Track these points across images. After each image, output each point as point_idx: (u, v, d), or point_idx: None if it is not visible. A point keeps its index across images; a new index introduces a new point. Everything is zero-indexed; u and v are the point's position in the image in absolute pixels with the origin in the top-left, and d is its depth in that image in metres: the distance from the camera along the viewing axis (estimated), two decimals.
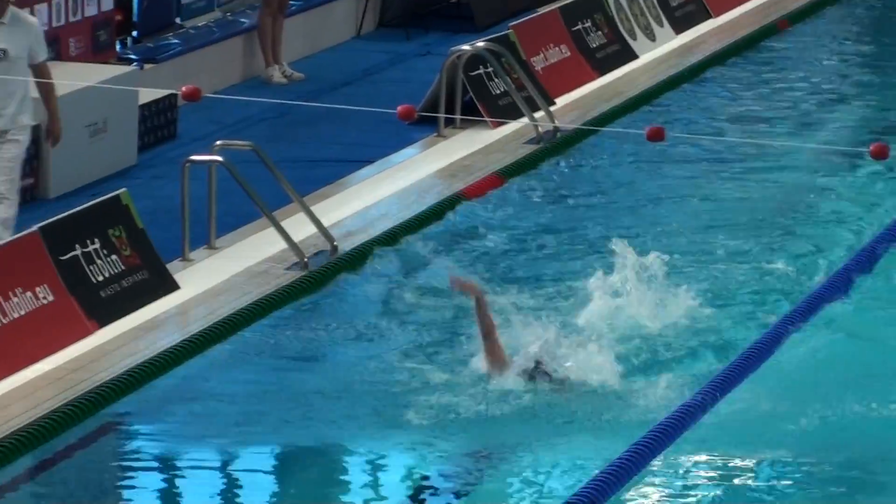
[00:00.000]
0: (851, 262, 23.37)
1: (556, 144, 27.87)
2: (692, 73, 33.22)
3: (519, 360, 19.59)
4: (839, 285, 22.21)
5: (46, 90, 22.02)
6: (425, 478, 19.37)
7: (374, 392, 20.23)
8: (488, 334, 19.67)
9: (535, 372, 19.39)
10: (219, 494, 18.34)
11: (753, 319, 21.46)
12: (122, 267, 21.66)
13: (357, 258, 23.61)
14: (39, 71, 21.70)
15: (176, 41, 30.38)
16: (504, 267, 24.35)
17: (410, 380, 20.33)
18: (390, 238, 24.29)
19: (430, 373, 20.41)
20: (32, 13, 25.93)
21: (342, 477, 19.54)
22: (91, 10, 28.62)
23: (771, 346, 20.16)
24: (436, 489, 18.96)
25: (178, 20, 31.18)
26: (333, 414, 19.97)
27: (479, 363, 19.82)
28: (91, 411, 19.33)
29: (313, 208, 23.89)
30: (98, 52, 28.57)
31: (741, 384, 19.08)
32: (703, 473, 18.12)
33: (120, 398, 19.49)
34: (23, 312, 20.53)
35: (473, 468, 19.07)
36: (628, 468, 16.61)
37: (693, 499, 17.34)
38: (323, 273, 22.90)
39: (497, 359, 19.64)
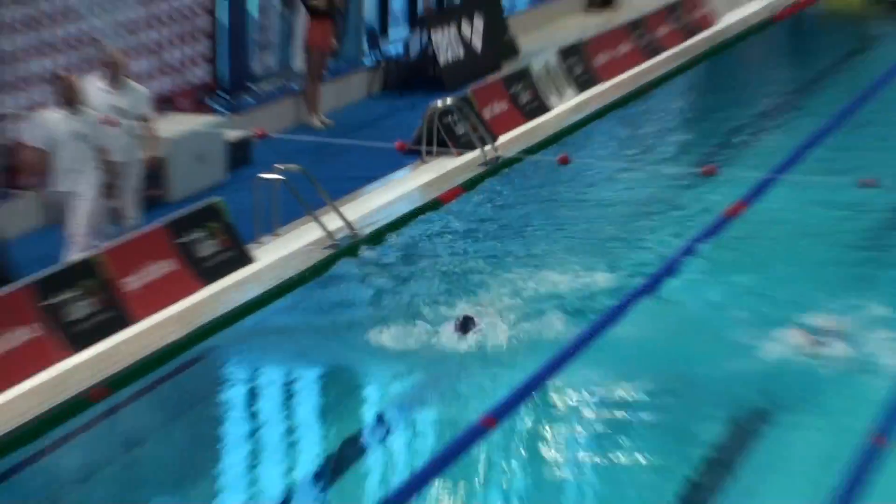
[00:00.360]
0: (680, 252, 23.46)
1: (497, 167, 28.80)
2: (589, 119, 33.28)
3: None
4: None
5: (152, 134, 22.77)
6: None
7: (376, 322, 21.46)
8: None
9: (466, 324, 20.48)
10: (291, 402, 20.08)
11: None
12: (219, 247, 23.10)
13: (371, 240, 24.85)
14: (147, 123, 22.45)
15: (250, 99, 31.11)
16: (465, 241, 25.67)
17: (396, 311, 21.82)
18: (391, 227, 25.61)
19: (408, 315, 21.52)
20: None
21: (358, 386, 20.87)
22: (194, 80, 29.51)
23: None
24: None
25: (250, 85, 31.57)
26: (356, 334, 21.28)
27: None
28: (203, 339, 21.04)
29: (341, 209, 24.87)
30: (200, 106, 29.41)
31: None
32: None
33: (219, 332, 21.35)
34: (153, 278, 21.89)
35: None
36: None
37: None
38: (348, 249, 24.19)
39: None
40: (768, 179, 26.06)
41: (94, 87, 21.72)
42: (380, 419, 20.36)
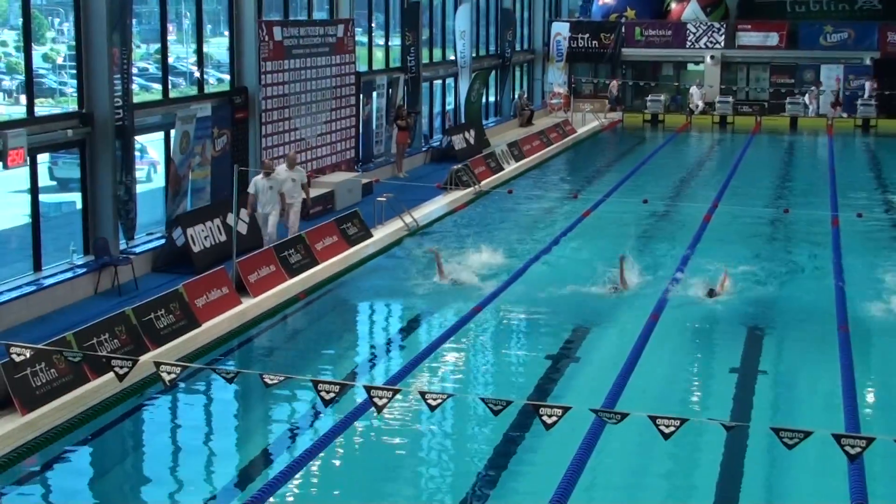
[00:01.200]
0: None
1: (480, 194, 29.78)
2: (522, 174, 34.82)
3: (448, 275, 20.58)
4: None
5: (305, 189, 23.09)
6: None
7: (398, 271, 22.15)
8: (439, 267, 20.66)
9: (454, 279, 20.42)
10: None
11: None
12: (358, 230, 24.41)
13: (424, 227, 25.81)
14: (304, 186, 23.03)
15: (371, 165, 32.21)
16: (466, 227, 26.38)
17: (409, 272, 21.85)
18: (433, 221, 26.82)
19: (416, 272, 21.48)
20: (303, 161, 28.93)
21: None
22: (348, 156, 30.65)
23: None
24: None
25: (372, 159, 32.61)
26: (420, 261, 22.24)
27: (436, 276, 20.60)
28: (344, 274, 22.08)
29: (412, 212, 26.05)
30: (350, 167, 30.33)
31: None
32: None
33: (354, 269, 22.25)
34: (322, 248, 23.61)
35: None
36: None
37: None
38: (414, 231, 25.36)
39: (441, 274, 20.57)
40: (601, 200, 28.46)
41: (282, 168, 22.75)
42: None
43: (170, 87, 23.48)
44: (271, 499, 11.40)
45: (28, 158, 18.13)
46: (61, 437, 13.27)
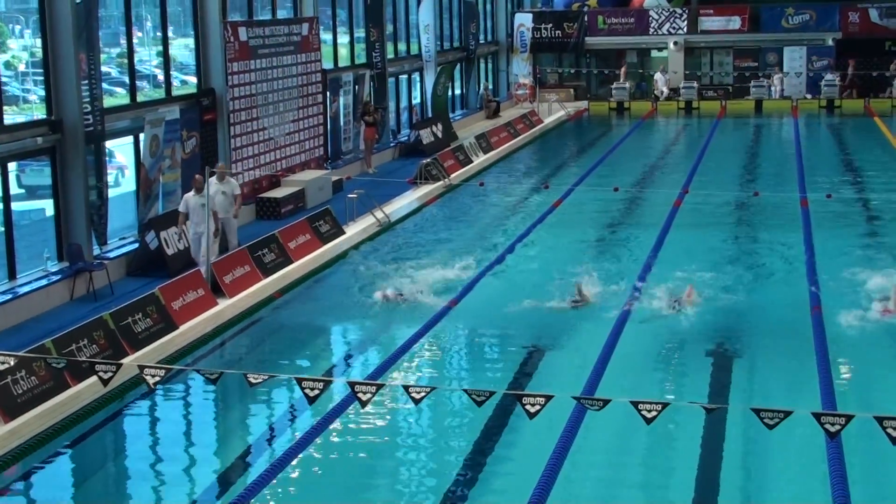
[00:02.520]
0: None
1: (450, 188, 30.08)
2: (490, 166, 35.34)
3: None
4: None
5: (237, 202, 21.60)
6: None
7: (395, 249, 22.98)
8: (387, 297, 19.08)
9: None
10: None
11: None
12: (330, 227, 24.59)
13: (395, 223, 26.06)
14: (236, 197, 21.55)
15: (340, 162, 32.09)
16: (433, 220, 26.94)
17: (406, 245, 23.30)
18: (405, 217, 26.97)
19: (409, 259, 21.55)
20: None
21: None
22: (317, 153, 30.65)
23: None
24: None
25: (340, 155, 32.41)
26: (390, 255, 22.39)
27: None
28: (330, 266, 22.35)
29: (382, 208, 26.21)
30: (320, 165, 30.24)
31: None
32: None
33: (337, 263, 22.33)
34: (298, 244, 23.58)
35: None
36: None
37: None
38: (385, 227, 25.55)
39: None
40: (570, 190, 28.86)
41: (212, 181, 20.52)
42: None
43: (136, 90, 23.32)
44: (253, 501, 11.46)
45: None
46: (44, 444, 13.31)
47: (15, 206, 21.72)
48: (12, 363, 9.93)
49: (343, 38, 34.77)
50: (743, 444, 12.80)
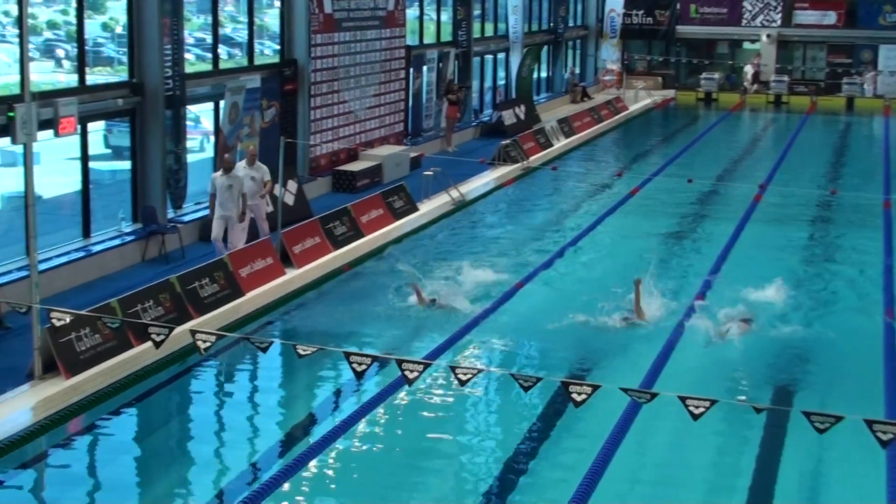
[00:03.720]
0: None
1: (529, 171, 29.89)
2: (568, 152, 34.98)
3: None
4: None
5: (268, 188, 20.20)
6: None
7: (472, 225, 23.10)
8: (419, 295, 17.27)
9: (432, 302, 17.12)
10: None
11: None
12: (404, 203, 24.59)
13: (471, 202, 26.08)
14: (266, 183, 20.10)
15: (420, 139, 32.14)
16: (510, 203, 26.91)
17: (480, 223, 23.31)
18: (481, 196, 26.97)
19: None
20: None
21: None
22: (397, 129, 30.75)
23: None
24: None
25: (420, 132, 32.60)
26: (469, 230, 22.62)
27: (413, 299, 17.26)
28: (401, 240, 22.47)
29: (458, 187, 26.12)
30: (399, 141, 30.40)
31: None
32: None
33: (404, 240, 22.35)
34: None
35: None
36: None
37: None
38: (460, 205, 25.57)
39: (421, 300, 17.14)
40: (647, 180, 28.17)
41: (240, 165, 19.97)
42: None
43: (220, 58, 23.61)
44: (311, 463, 11.55)
45: (79, 127, 18.23)
46: (104, 402, 13.44)
47: (99, 165, 22.49)
48: (68, 320, 9.96)
49: (430, 15, 34.67)
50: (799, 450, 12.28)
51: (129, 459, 12.48)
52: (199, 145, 27.44)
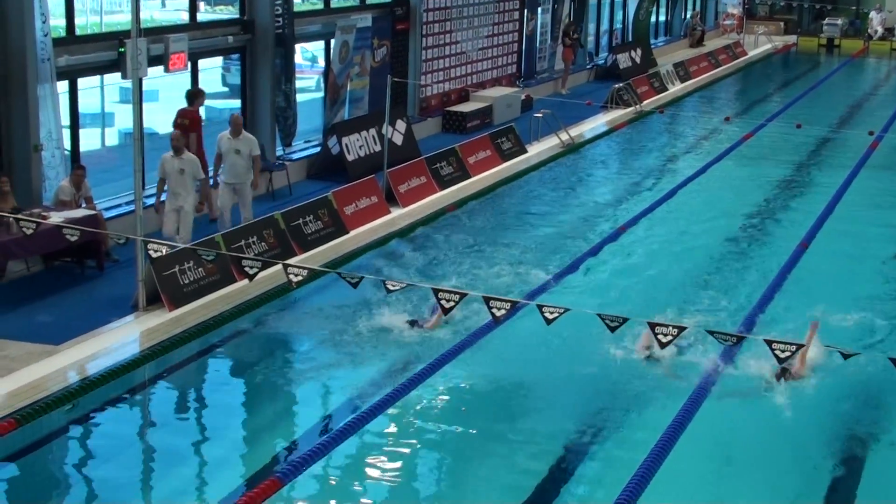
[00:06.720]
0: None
1: (641, 115, 29.27)
2: (683, 97, 34.28)
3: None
4: None
5: (255, 165, 17.02)
6: None
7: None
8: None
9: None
10: None
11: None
12: (512, 145, 24.14)
13: (581, 145, 26.05)
14: (255, 159, 16.99)
15: (533, 81, 31.69)
16: (621, 144, 26.88)
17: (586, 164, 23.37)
18: (592, 139, 26.86)
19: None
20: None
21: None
22: (510, 71, 30.75)
23: None
24: None
25: (534, 74, 32.16)
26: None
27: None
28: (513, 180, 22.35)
29: (567, 130, 26.39)
30: (511, 83, 30.17)
31: None
32: None
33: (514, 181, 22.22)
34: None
35: None
36: None
37: None
38: (570, 148, 25.36)
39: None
40: (759, 127, 27.73)
41: (224, 135, 17.21)
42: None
43: None
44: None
45: (189, 63, 18.42)
46: (204, 334, 13.54)
47: (215, 103, 22.96)
48: (164, 252, 10.09)
49: None
50: None
51: (236, 388, 12.68)
52: (315, 84, 27.46)
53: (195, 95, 18.49)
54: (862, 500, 9.92)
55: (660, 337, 9.03)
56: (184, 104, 18.72)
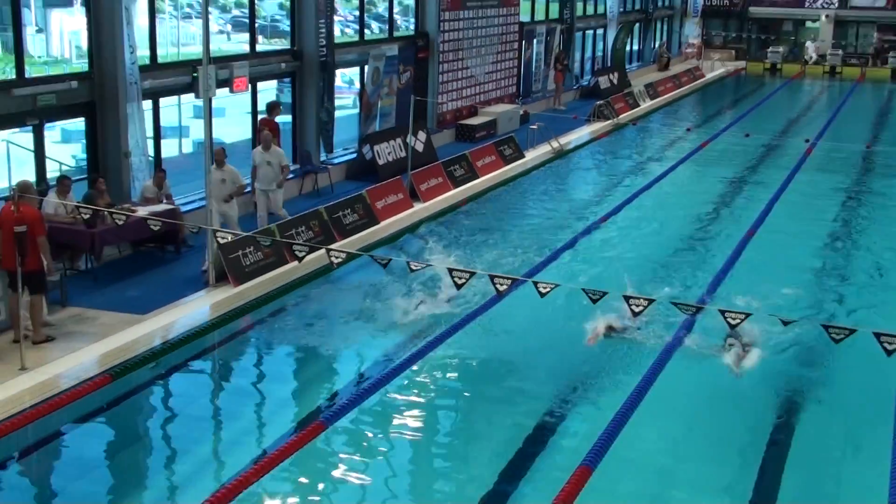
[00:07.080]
0: None
1: (618, 125, 28.87)
2: (654, 111, 33.49)
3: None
4: None
5: (284, 172, 16.05)
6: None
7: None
8: None
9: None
10: None
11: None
12: (513, 152, 23.58)
13: (569, 151, 25.31)
14: (283, 168, 16.11)
15: (530, 99, 30.94)
16: (599, 152, 25.99)
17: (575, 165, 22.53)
18: (578, 147, 26.03)
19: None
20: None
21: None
22: (510, 91, 29.95)
23: None
24: None
25: (530, 93, 31.37)
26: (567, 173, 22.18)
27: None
28: (510, 180, 21.94)
29: (558, 139, 25.63)
30: (511, 101, 29.28)
31: None
32: None
33: (508, 184, 21.71)
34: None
35: None
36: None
37: None
38: (560, 154, 24.64)
39: None
40: (715, 135, 27.49)
41: (256, 151, 16.43)
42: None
43: (365, 30, 23.69)
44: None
45: (250, 86, 18.42)
46: (262, 306, 13.57)
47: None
48: (230, 238, 10.04)
49: None
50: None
51: (288, 349, 12.42)
52: (351, 102, 27.28)
53: (273, 107, 18.27)
54: (796, 449, 9.70)
55: (633, 307, 8.77)
56: (245, 120, 18.88)
